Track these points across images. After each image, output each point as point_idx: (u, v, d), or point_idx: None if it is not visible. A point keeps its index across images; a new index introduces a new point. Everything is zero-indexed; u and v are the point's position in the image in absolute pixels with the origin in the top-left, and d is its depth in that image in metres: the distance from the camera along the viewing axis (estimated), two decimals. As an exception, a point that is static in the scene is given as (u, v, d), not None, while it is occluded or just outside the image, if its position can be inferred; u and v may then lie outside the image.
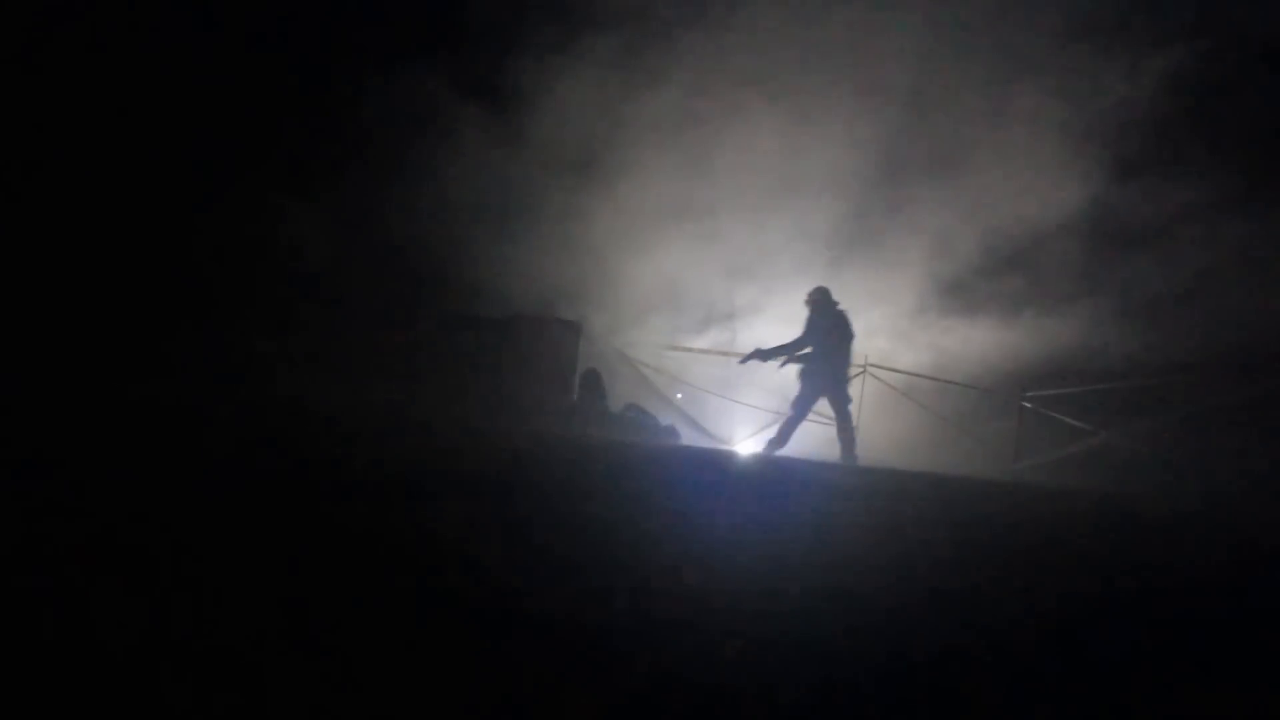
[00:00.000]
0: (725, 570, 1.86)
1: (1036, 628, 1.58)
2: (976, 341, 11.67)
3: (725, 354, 11.85)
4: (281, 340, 10.49)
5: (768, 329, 11.34)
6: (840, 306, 9.03)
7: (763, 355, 9.14)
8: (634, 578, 1.69)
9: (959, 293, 12.08)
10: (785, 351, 9.05)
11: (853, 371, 9.76)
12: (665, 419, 11.11)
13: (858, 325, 9.25)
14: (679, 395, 12.18)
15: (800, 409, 8.96)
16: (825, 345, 8.91)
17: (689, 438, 10.98)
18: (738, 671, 1.10)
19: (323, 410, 7.53)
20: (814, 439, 11.05)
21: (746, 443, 11.19)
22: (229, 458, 3.22)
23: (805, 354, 9.01)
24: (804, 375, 9.02)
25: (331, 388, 9.57)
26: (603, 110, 11.88)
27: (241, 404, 7.66)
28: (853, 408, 9.20)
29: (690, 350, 12.36)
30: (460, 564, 1.64)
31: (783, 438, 8.94)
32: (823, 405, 9.14)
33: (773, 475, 5.56)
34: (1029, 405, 10.91)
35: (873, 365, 11.54)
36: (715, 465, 6.16)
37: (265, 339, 10.41)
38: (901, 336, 12.21)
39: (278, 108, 11.24)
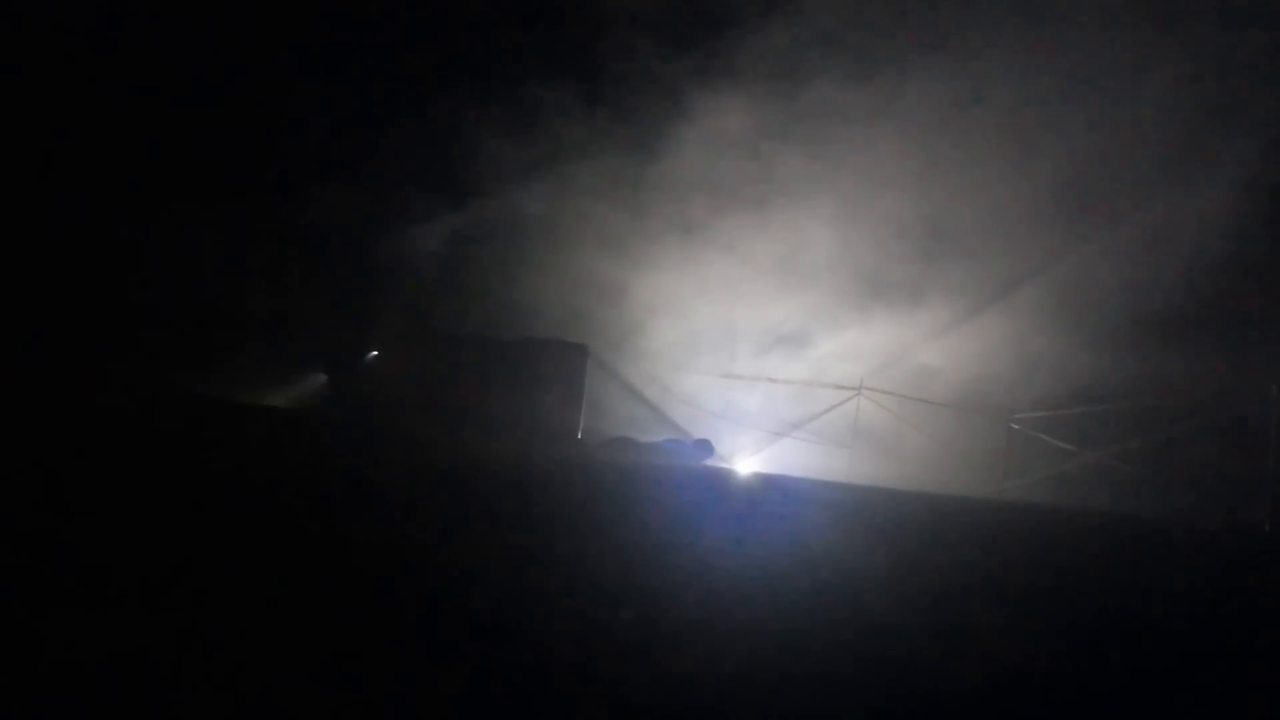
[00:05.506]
0: (725, 581, 1.94)
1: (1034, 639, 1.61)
2: (969, 367, 12.03)
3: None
4: (289, 348, 10.89)
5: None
6: None
7: None
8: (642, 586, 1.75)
9: (959, 322, 12.35)
10: None
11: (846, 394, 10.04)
12: (668, 436, 11.57)
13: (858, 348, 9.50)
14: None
15: None
16: None
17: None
18: (736, 687, 1.20)
19: (323, 420, 7.71)
20: (810, 458, 11.56)
21: (748, 461, 11.69)
22: (230, 470, 3.30)
23: None
24: None
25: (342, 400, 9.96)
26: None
27: (241, 413, 7.73)
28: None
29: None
30: (458, 578, 1.68)
31: None
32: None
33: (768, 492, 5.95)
34: (1017, 427, 11.40)
35: (867, 388, 11.99)
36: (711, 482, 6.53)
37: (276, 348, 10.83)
38: (898, 361, 12.53)
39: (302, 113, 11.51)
